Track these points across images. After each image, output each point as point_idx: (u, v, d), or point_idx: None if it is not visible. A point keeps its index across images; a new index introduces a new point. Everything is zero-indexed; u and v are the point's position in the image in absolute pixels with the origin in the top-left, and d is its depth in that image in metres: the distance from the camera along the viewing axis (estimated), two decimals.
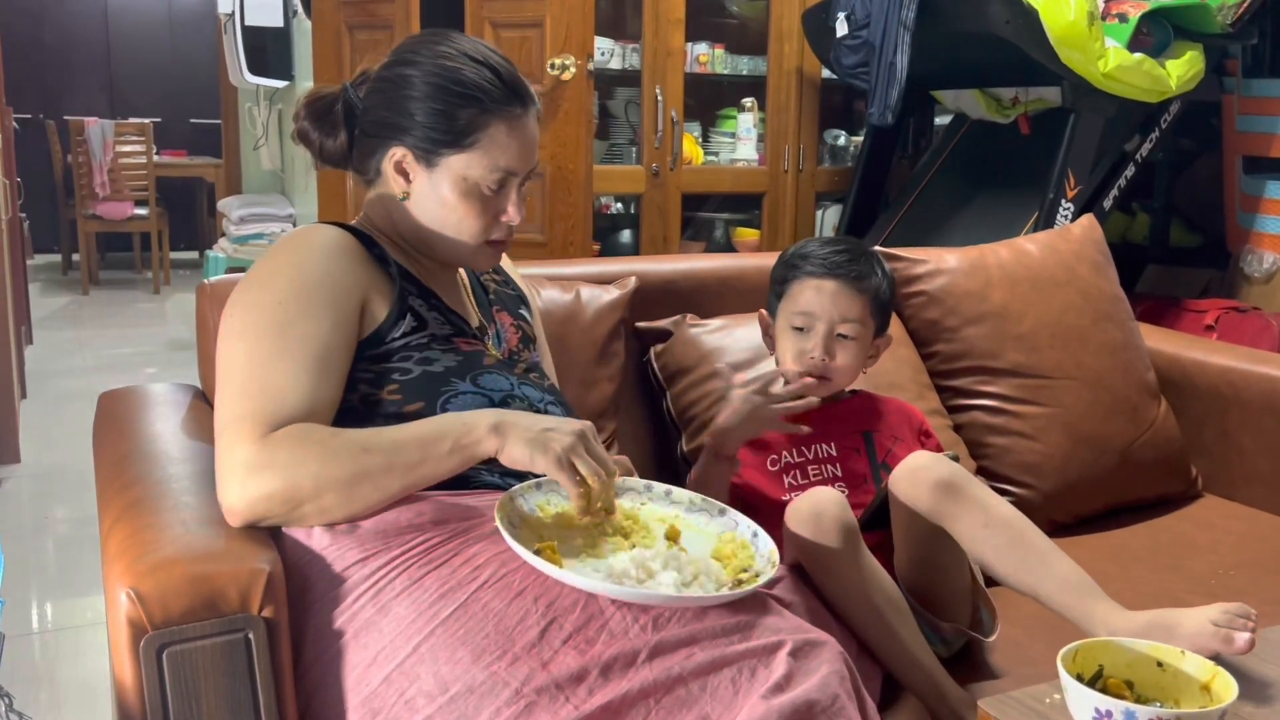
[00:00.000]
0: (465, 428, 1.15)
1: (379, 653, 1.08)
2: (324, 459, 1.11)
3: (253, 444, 1.11)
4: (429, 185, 1.30)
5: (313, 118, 1.36)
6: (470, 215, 1.30)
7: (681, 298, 1.92)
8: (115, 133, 6.61)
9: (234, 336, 1.20)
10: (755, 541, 1.21)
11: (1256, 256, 3.33)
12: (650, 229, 3.77)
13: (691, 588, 1.09)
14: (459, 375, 1.27)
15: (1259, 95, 3.31)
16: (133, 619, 1.04)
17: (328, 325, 1.20)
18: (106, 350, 5.38)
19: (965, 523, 1.32)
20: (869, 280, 1.57)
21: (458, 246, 1.33)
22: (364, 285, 1.27)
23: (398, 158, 1.30)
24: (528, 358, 1.43)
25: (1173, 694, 1.01)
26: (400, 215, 1.33)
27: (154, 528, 1.16)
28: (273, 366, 1.16)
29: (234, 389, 1.17)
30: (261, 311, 1.20)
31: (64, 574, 2.91)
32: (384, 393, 1.24)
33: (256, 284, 1.24)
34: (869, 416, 1.62)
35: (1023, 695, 1.06)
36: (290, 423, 1.14)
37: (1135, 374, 2.04)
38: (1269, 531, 1.91)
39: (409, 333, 1.27)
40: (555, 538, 1.14)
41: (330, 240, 1.28)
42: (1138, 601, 1.35)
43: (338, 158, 1.37)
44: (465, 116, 1.27)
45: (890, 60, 3.09)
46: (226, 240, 5.55)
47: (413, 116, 1.28)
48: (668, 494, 1.29)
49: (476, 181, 1.29)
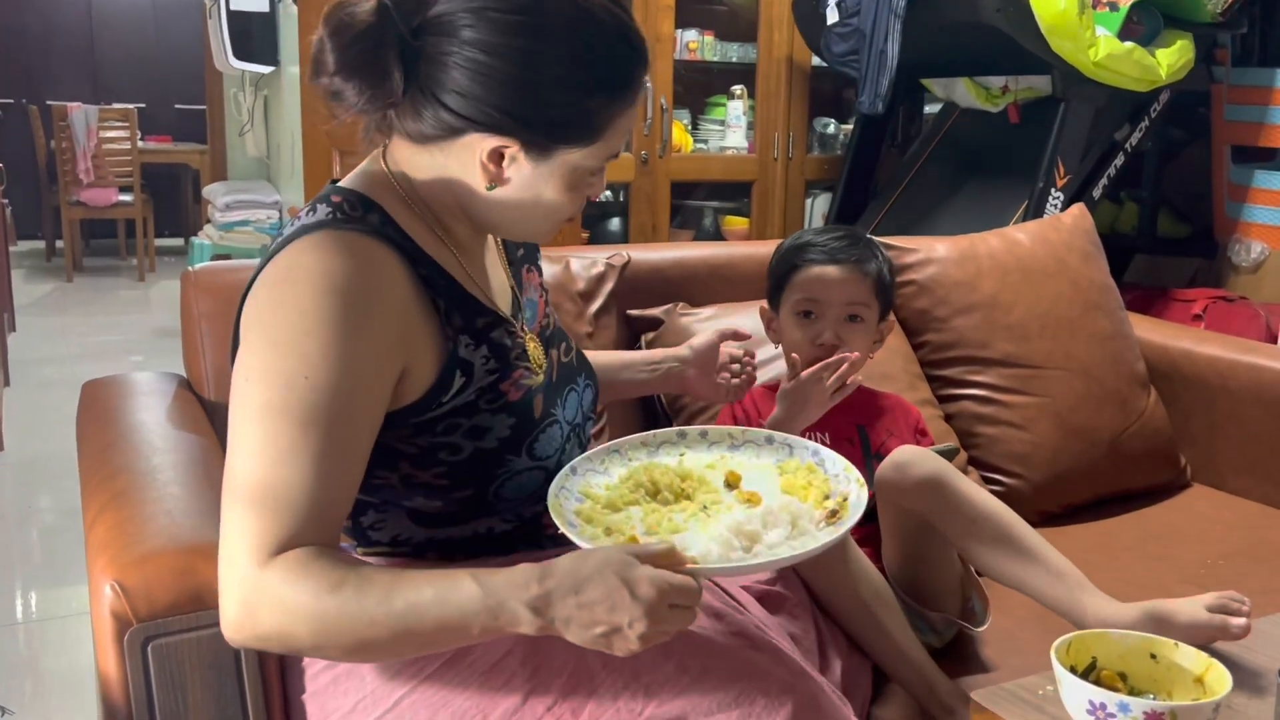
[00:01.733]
0: (493, 613, 0.91)
1: (359, 701, 1.05)
2: (323, 621, 0.92)
3: (253, 567, 0.94)
4: (532, 179, 1.05)
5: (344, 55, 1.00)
6: (568, 202, 1.09)
7: (672, 286, 1.91)
8: (99, 118, 6.54)
9: (251, 408, 0.98)
10: (820, 461, 1.11)
11: (1244, 246, 3.34)
12: (639, 217, 3.75)
13: (798, 538, 0.99)
14: (513, 449, 1.10)
15: (1248, 85, 3.30)
16: (117, 612, 1.03)
17: (357, 416, 0.99)
18: (91, 338, 5.34)
19: (952, 518, 1.32)
20: (871, 264, 1.58)
21: (531, 231, 1.13)
22: (409, 344, 1.04)
23: (501, 148, 1.03)
24: (552, 321, 1.27)
25: (1166, 686, 1.01)
26: (467, 198, 1.09)
27: (138, 519, 1.15)
28: (287, 466, 0.95)
29: (243, 479, 0.97)
30: (287, 389, 0.96)
31: (49, 564, 2.89)
32: (430, 475, 1.08)
33: (285, 340, 0.98)
34: (865, 410, 1.61)
35: (1015, 687, 1.06)
36: (296, 538, 0.95)
37: (1125, 364, 2.04)
38: (1257, 520, 1.92)
39: (458, 392, 1.07)
40: (621, 524, 1.04)
41: (375, 283, 1.01)
42: (1127, 591, 1.35)
43: (371, 107, 1.03)
44: (598, 105, 1.03)
45: (881, 48, 3.08)
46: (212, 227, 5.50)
47: (538, 106, 1.01)
48: (703, 435, 1.20)
49: (587, 170, 1.08)
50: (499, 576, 0.92)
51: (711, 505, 1.07)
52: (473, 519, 1.11)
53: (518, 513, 1.13)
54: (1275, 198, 3.26)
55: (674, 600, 0.89)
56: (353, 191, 1.08)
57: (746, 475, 1.13)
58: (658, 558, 0.91)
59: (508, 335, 1.13)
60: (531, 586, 0.90)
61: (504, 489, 1.10)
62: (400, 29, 0.99)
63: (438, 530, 1.12)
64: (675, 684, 1.00)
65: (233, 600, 0.95)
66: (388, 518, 1.11)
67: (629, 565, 0.89)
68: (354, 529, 1.14)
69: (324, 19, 1.02)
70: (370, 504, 1.11)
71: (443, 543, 1.12)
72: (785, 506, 1.04)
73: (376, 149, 1.13)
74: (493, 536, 1.13)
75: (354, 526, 1.13)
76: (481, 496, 1.09)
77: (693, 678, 1.01)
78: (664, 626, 0.89)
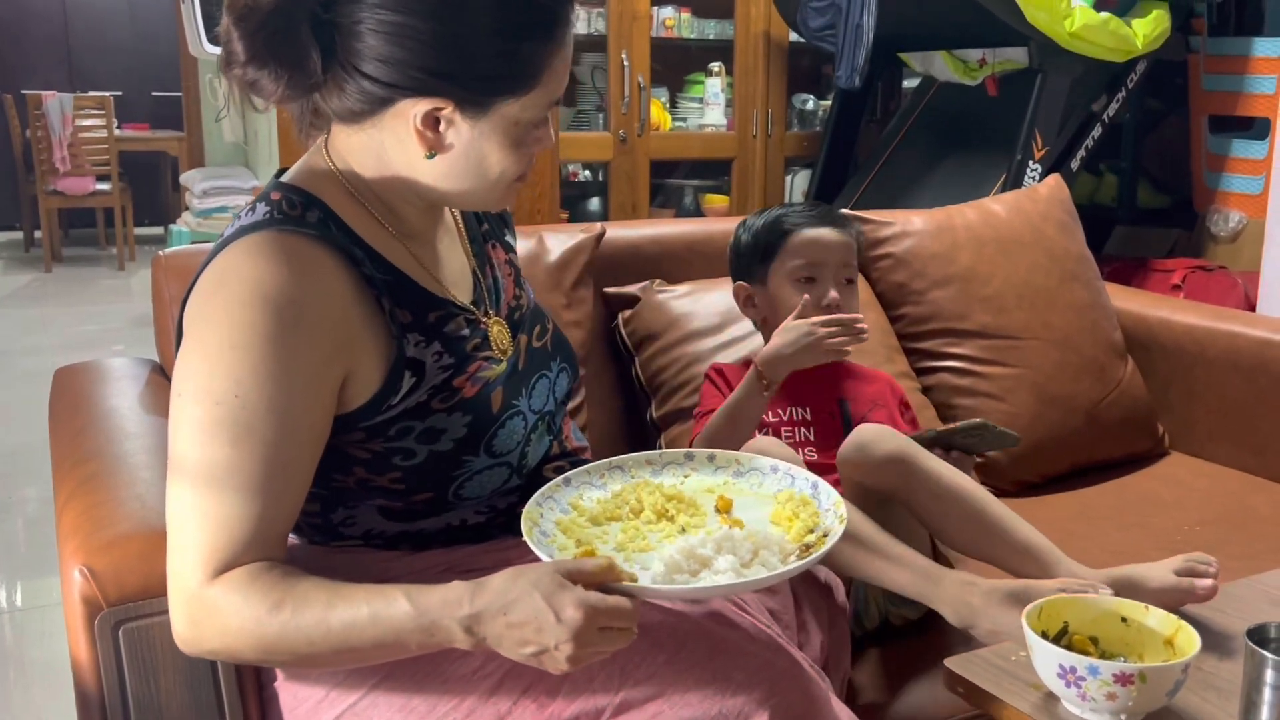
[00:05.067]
0: (428, 631, 0.91)
1: (329, 692, 1.04)
2: (264, 641, 0.93)
3: (195, 585, 0.93)
4: (472, 139, 1.00)
5: (253, 42, 0.95)
6: (512, 161, 1.03)
7: (649, 263, 1.90)
8: (74, 106, 6.48)
9: (185, 426, 0.95)
10: (816, 495, 1.10)
11: (1223, 216, 3.35)
12: (619, 196, 3.74)
13: (753, 566, 0.97)
14: (470, 449, 1.06)
15: (1224, 54, 3.31)
16: (87, 596, 1.03)
17: (295, 431, 0.96)
18: (71, 328, 5.30)
19: (919, 495, 1.31)
20: (853, 227, 1.63)
21: (484, 198, 1.07)
22: (349, 349, 1.00)
23: (434, 111, 0.98)
24: (525, 301, 1.22)
25: (1137, 649, 1.01)
26: (409, 173, 1.04)
27: (109, 503, 1.14)
28: (223, 487, 0.94)
29: (182, 495, 0.95)
30: (218, 407, 0.94)
31: (32, 553, 2.88)
32: (385, 480, 1.05)
33: (214, 355, 0.95)
34: (846, 384, 1.62)
35: (989, 654, 1.06)
36: (237, 558, 0.94)
37: (1102, 333, 2.04)
38: (1234, 487, 1.93)
39: (408, 393, 1.03)
40: (594, 538, 1.03)
41: (309, 291, 0.97)
42: (1105, 558, 1.35)
43: (292, 93, 0.98)
44: (530, 51, 0.98)
45: (857, 22, 3.07)
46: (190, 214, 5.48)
47: (465, 59, 0.96)
48: (711, 459, 1.18)
49: (528, 123, 1.01)
50: (434, 595, 0.92)
51: (691, 528, 1.05)
52: (442, 513, 1.10)
53: (490, 505, 1.12)
54: (1253, 167, 3.27)
55: (604, 623, 0.88)
56: (293, 187, 1.05)
57: (740, 502, 1.11)
58: (593, 575, 0.90)
59: (466, 325, 1.10)
60: (464, 605, 0.90)
61: (464, 489, 1.07)
62: (310, 3, 0.95)
63: (409, 524, 1.09)
64: (650, 662, 1.00)
65: (180, 616, 0.95)
66: (357, 514, 1.09)
67: (558, 587, 0.88)
68: (325, 525, 1.10)
69: (226, 6, 0.96)
70: (338, 501, 1.08)
71: (415, 535, 1.10)
72: (753, 535, 1.01)
73: (319, 140, 1.09)
74: (467, 528, 1.11)
75: (325, 523, 1.10)
76: (441, 498, 1.07)
77: (668, 656, 1.01)
78: (593, 648, 0.89)
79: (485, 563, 1.09)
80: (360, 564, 1.07)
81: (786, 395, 1.55)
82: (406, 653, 0.94)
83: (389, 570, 1.07)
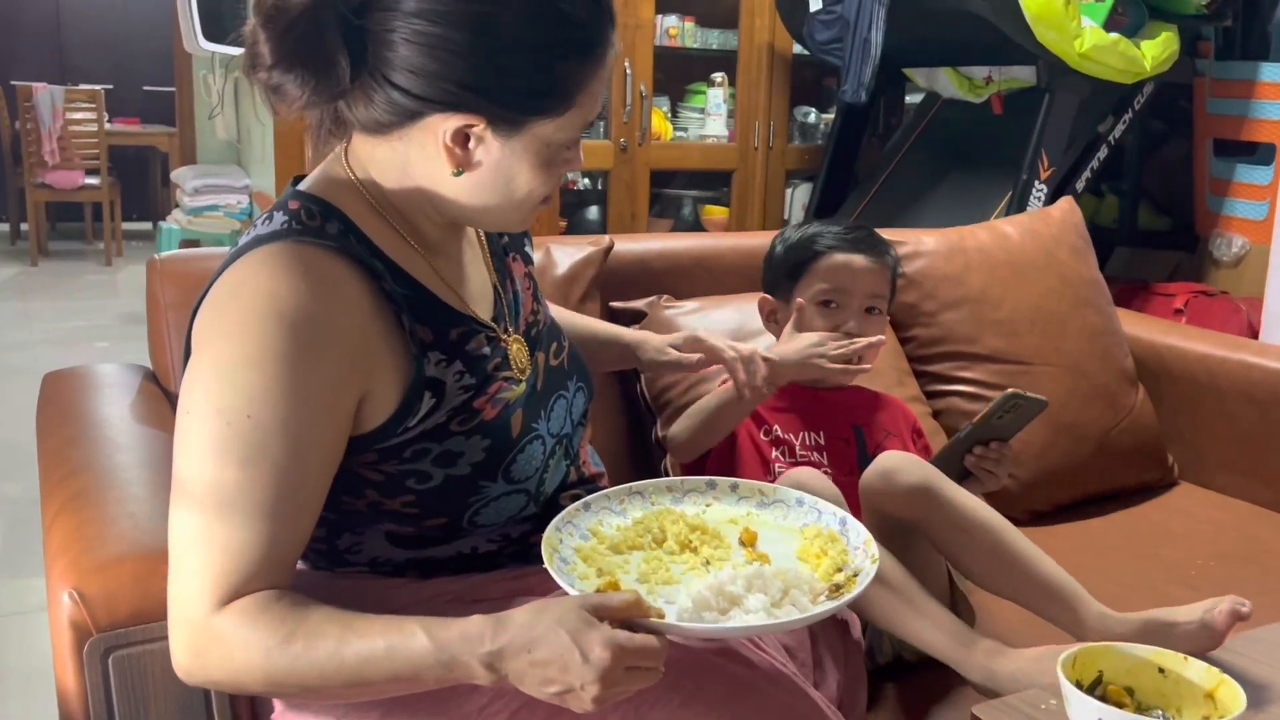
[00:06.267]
0: (447, 666, 0.87)
1: None
2: (272, 674, 0.88)
3: (200, 612, 0.89)
4: (502, 158, 0.96)
5: (280, 45, 0.91)
6: (541, 182, 0.99)
7: (655, 278, 1.86)
8: (65, 99, 6.42)
9: (193, 445, 0.91)
10: (845, 531, 1.05)
11: (1225, 240, 3.32)
12: (618, 206, 3.70)
13: (784, 606, 0.93)
14: (488, 474, 1.02)
15: (1231, 78, 3.29)
16: (76, 622, 0.98)
17: (308, 454, 0.92)
18: (56, 323, 5.23)
19: (941, 527, 1.27)
20: (888, 255, 1.58)
21: (507, 218, 1.03)
22: (367, 369, 0.96)
23: (465, 127, 0.94)
24: (543, 317, 1.18)
25: (1175, 702, 0.97)
26: (433, 189, 1.00)
27: (99, 521, 1.09)
28: (233, 509, 0.89)
29: (188, 516, 0.91)
30: (229, 427, 0.90)
31: (13, 555, 2.81)
32: (398, 503, 1.01)
33: (227, 372, 0.91)
34: (862, 410, 1.58)
35: (1018, 701, 1.02)
36: (244, 585, 0.90)
37: (1114, 360, 2.01)
38: (1246, 520, 1.90)
39: (427, 415, 0.99)
40: (615, 567, 0.99)
41: (327, 307, 0.93)
42: (1117, 592, 1.32)
43: (318, 99, 0.94)
44: (567, 70, 0.94)
45: (865, 36, 3.04)
46: (180, 211, 5.41)
47: (500, 76, 0.92)
48: (734, 489, 1.14)
49: (560, 144, 0.98)
50: (453, 629, 0.88)
51: (716, 561, 1.01)
52: (453, 540, 1.05)
53: (503, 533, 1.07)
54: (1256, 192, 3.25)
55: (631, 662, 0.84)
56: (312, 196, 1.00)
57: (765, 535, 1.07)
58: (619, 610, 0.86)
59: (487, 343, 1.06)
60: (485, 641, 0.86)
61: (479, 515, 1.03)
62: (341, 8, 0.90)
63: (418, 551, 1.05)
64: (666, 705, 0.96)
65: (182, 645, 0.90)
66: (364, 541, 1.04)
67: (585, 625, 0.84)
68: (330, 551, 1.06)
69: (254, 6, 0.92)
70: (344, 526, 1.04)
71: (424, 563, 1.06)
72: (783, 572, 0.97)
73: (338, 148, 1.04)
74: (477, 556, 1.07)
75: (330, 549, 1.05)
76: (456, 524, 1.03)
77: (684, 699, 0.97)
78: (619, 688, 0.85)
79: (494, 592, 1.05)
80: (365, 591, 1.03)
81: (801, 418, 1.51)
82: (422, 687, 0.90)
83: (395, 598, 1.02)
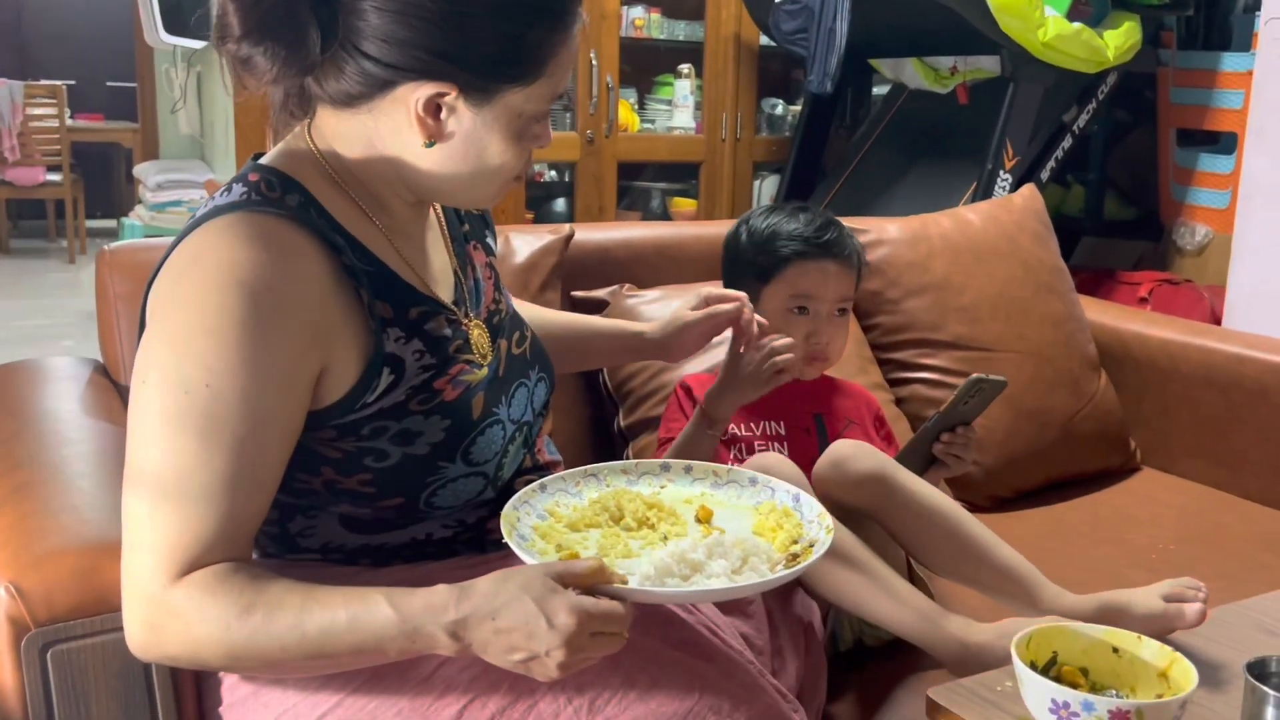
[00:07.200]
0: (411, 637, 0.87)
1: (280, 715, 0.97)
2: (232, 648, 0.87)
3: (156, 586, 0.87)
4: (474, 128, 0.96)
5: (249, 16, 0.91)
6: (513, 155, 0.99)
7: (618, 267, 1.84)
8: (25, 95, 6.33)
9: (149, 416, 0.89)
10: (799, 507, 1.08)
11: (1189, 229, 3.34)
12: (585, 198, 3.68)
13: (743, 573, 0.94)
14: (447, 455, 1.01)
15: (1193, 68, 3.31)
16: (13, 616, 0.96)
17: (266, 426, 0.90)
18: (18, 322, 5.16)
19: (898, 514, 1.27)
20: (855, 255, 1.56)
21: (479, 192, 1.03)
22: (327, 341, 0.94)
23: (437, 96, 0.94)
24: (504, 306, 1.18)
25: (1129, 681, 0.97)
26: (403, 163, 0.99)
27: (41, 514, 1.07)
28: (190, 481, 0.88)
29: (143, 487, 0.89)
30: (186, 396, 0.88)
31: None
32: (354, 482, 0.99)
33: (183, 341, 0.89)
34: (824, 398, 1.57)
35: (973, 684, 1.02)
36: (202, 557, 0.88)
37: (1077, 346, 2.01)
38: (1208, 504, 1.90)
39: (385, 392, 0.97)
40: (574, 544, 0.99)
41: (286, 276, 0.91)
42: (1080, 576, 1.32)
43: (287, 72, 0.93)
44: (536, 38, 0.95)
45: (830, 26, 3.04)
46: (143, 208, 5.34)
47: (471, 43, 0.92)
48: (688, 470, 1.15)
49: (530, 115, 0.98)
50: (416, 599, 0.87)
51: (674, 536, 1.02)
52: (408, 524, 1.04)
53: (459, 519, 1.06)
54: (1219, 181, 3.27)
55: (596, 628, 0.84)
56: (273, 169, 0.99)
57: (720, 512, 1.09)
58: (583, 577, 0.86)
59: (448, 325, 1.04)
60: (449, 610, 0.86)
61: (436, 497, 1.01)
62: None
63: (372, 537, 1.03)
64: (622, 699, 0.95)
65: (136, 620, 0.88)
66: (317, 524, 1.03)
67: (549, 591, 0.84)
68: (281, 535, 1.04)
69: None
70: (297, 508, 1.02)
71: (377, 549, 1.04)
72: (741, 542, 0.98)
73: (300, 124, 1.03)
74: (431, 542, 1.05)
75: (281, 533, 1.04)
76: (413, 505, 1.01)
77: (640, 692, 0.95)
78: (584, 654, 0.85)
79: (449, 580, 1.03)
80: (317, 579, 1.00)
81: (761, 408, 1.49)
82: (385, 659, 0.89)
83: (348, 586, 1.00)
